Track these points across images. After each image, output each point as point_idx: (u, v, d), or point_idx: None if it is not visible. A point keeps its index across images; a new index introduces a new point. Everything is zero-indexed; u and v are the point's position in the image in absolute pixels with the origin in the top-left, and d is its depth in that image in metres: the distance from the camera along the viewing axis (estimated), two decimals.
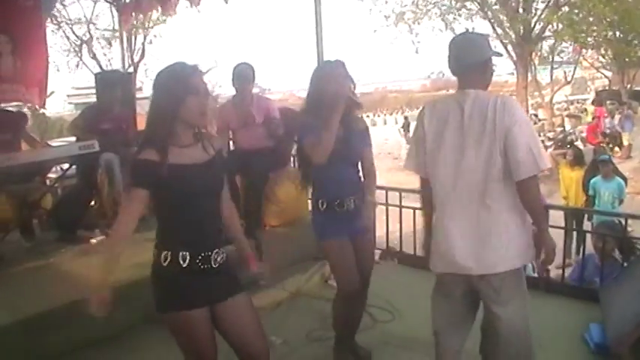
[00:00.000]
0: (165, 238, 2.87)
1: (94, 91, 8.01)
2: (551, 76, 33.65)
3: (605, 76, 38.28)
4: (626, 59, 27.64)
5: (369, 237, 4.22)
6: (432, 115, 3.25)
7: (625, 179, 10.03)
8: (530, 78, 22.43)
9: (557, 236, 5.63)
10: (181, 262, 2.78)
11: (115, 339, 4.45)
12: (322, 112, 3.74)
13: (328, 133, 3.66)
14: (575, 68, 34.25)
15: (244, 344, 2.97)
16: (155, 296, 2.88)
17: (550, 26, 19.56)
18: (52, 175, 6.98)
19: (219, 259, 2.88)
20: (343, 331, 4.19)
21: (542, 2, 19.49)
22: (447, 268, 3.25)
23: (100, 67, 24.45)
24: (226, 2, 7.99)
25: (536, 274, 5.86)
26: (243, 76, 5.78)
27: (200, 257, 2.81)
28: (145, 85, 22.39)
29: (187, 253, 2.79)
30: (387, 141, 30.07)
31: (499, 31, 19.44)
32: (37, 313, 4.25)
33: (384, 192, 6.22)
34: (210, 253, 2.85)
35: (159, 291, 2.88)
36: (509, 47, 19.18)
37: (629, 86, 33.26)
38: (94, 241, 5.90)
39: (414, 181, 3.63)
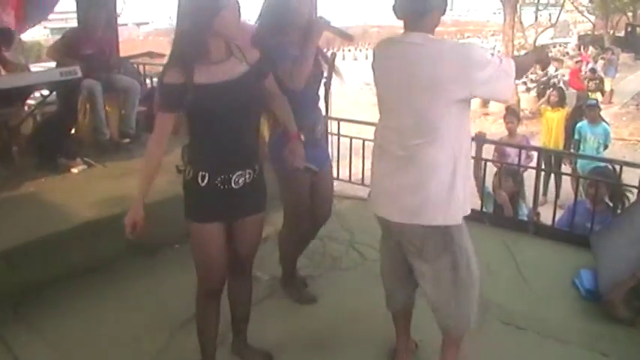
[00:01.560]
0: (190, 153, 2.88)
1: (71, 15, 7.78)
2: (536, 18, 33.39)
3: (589, 20, 38.11)
4: (612, 5, 27.43)
5: (330, 168, 4.24)
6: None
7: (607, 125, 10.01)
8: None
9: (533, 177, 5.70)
10: (200, 181, 2.81)
11: (99, 270, 4.39)
12: (288, 32, 3.62)
13: (306, 59, 3.52)
14: (560, 11, 34.03)
15: (234, 253, 3.08)
16: (184, 202, 2.94)
17: None
18: (31, 102, 6.77)
19: (241, 180, 2.86)
20: (292, 266, 4.20)
21: None
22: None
23: None
24: None
25: (525, 218, 5.86)
26: None
27: (220, 178, 2.82)
28: (123, 12, 21.88)
29: (207, 174, 2.81)
30: (368, 75, 29.71)
31: None
32: (18, 244, 4.15)
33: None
34: (231, 175, 2.83)
35: (185, 200, 2.93)
36: None
37: (612, 32, 33.14)
38: (75, 170, 5.74)
39: None
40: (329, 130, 6.09)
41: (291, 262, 4.18)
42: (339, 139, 6.34)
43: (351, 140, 6.38)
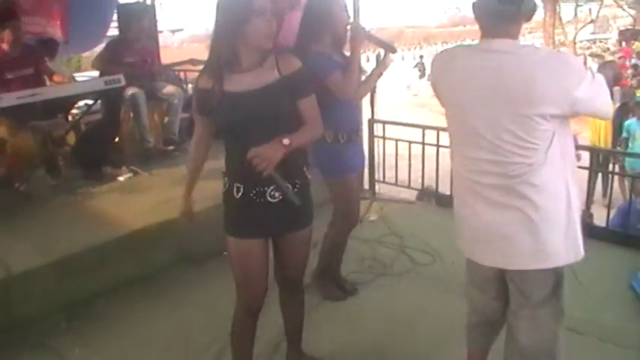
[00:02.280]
0: (226, 165, 2.83)
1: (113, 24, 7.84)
2: (576, 14, 32.97)
3: (630, 15, 37.39)
4: None
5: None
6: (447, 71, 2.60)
7: None
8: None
9: (583, 177, 5.54)
10: (235, 194, 2.74)
11: (148, 279, 4.40)
12: (325, 38, 3.69)
13: (355, 67, 3.64)
14: (600, 6, 33.53)
15: (282, 269, 3.03)
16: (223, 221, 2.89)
17: None
18: (75, 111, 6.82)
19: (277, 194, 2.71)
20: (332, 262, 4.21)
21: None
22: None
23: None
24: None
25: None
26: None
27: (254, 191, 2.72)
28: (160, 19, 22.11)
29: (241, 186, 2.72)
30: (406, 77, 29.60)
31: None
32: (70, 254, 4.17)
33: (420, 130, 6.05)
34: (266, 188, 2.70)
35: (225, 212, 2.87)
36: None
37: None
38: (121, 179, 5.77)
39: (438, 119, 3.49)
40: (375, 133, 6.06)
41: (330, 258, 4.19)
42: (384, 142, 6.28)
43: (396, 143, 6.29)
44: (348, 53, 3.82)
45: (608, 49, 33.58)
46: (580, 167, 5.96)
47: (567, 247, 2.43)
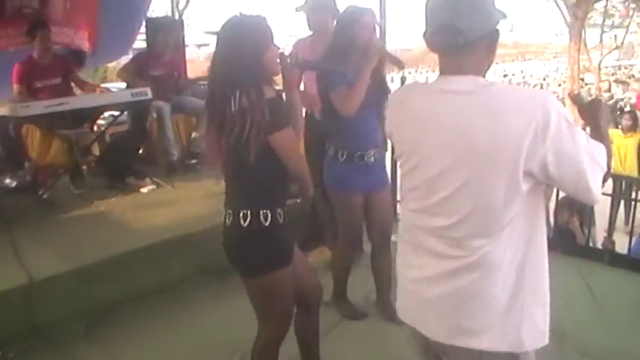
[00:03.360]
0: (261, 196, 2.71)
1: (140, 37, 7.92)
2: (601, 40, 32.84)
3: None
4: None
5: (387, 191, 4.12)
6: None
7: None
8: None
9: (604, 204, 5.51)
10: (279, 219, 2.70)
11: (169, 291, 4.41)
12: (349, 60, 3.57)
13: (361, 85, 3.52)
14: (626, 32, 33.38)
15: (301, 285, 2.99)
16: (255, 258, 2.74)
17: None
18: (100, 122, 6.90)
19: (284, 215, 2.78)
20: (343, 285, 4.20)
21: None
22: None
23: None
24: None
25: (600, 247, 5.70)
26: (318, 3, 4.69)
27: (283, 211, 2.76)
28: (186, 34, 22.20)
29: (281, 210, 2.72)
30: None
31: None
32: (91, 263, 4.20)
33: None
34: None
35: (262, 252, 2.73)
36: (562, 7, 18.54)
37: None
38: (144, 190, 5.81)
39: None
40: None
41: (343, 279, 4.18)
42: None
43: None
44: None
45: (633, 75, 33.47)
46: (603, 194, 6.01)
47: (503, 332, 1.94)
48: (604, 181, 1.89)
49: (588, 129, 2.02)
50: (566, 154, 1.76)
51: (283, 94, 2.85)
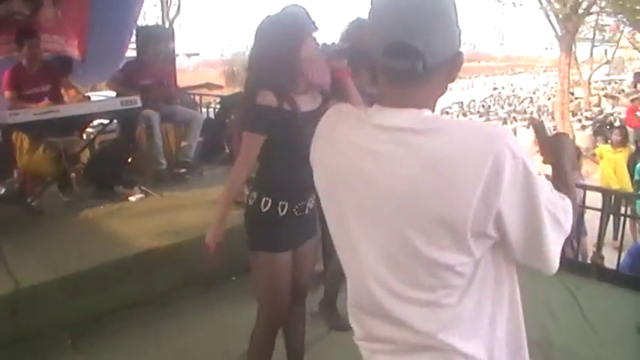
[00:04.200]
0: (266, 183, 2.87)
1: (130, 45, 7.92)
2: (591, 54, 33.12)
3: None
4: None
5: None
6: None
7: None
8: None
9: (593, 219, 5.51)
10: (279, 211, 2.79)
11: (156, 301, 4.38)
12: (369, 78, 3.41)
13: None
14: (616, 47, 33.66)
15: (296, 280, 3.03)
16: (248, 234, 2.90)
17: (598, 0, 19.00)
18: (89, 129, 6.88)
19: (311, 206, 2.89)
20: (335, 293, 4.13)
21: None
22: None
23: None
24: None
25: (589, 261, 5.72)
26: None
27: (297, 206, 2.83)
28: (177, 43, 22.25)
29: (286, 203, 2.80)
30: None
31: (544, 2, 18.82)
32: (78, 272, 4.17)
33: None
34: (306, 203, 2.87)
35: (253, 231, 2.90)
36: (553, 20, 18.60)
37: None
38: (132, 199, 5.78)
39: None
40: None
41: (335, 288, 4.13)
42: None
43: None
44: None
45: (623, 90, 33.70)
46: (592, 208, 6.03)
47: None
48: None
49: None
50: (522, 213, 1.40)
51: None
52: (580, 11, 18.24)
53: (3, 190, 5.80)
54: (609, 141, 10.80)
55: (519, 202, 1.39)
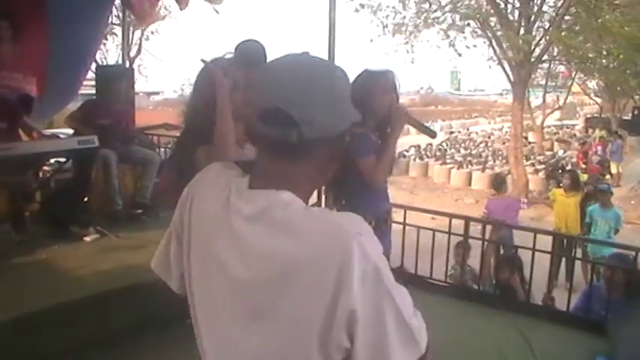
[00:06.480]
0: None
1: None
2: (544, 100, 33.85)
3: (596, 103, 38.51)
4: (618, 88, 27.70)
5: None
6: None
7: None
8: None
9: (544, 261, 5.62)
10: None
11: (110, 343, 4.28)
12: (367, 120, 3.48)
13: (388, 153, 3.49)
14: (568, 93, 34.49)
15: None
16: None
17: (550, 49, 19.51)
18: (45, 168, 6.81)
19: None
20: None
21: (544, 24, 19.37)
22: None
23: (95, 60, 24.25)
24: (217, 12, 7.99)
25: (541, 303, 5.80)
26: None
27: None
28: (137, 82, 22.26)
29: None
30: None
31: (497, 50, 19.28)
32: (30, 312, 4.08)
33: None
34: None
35: None
36: (507, 68, 19.06)
37: (619, 115, 33.47)
38: (87, 239, 5.72)
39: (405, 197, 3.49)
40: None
41: None
42: (404, 228, 6.03)
43: (418, 231, 6.13)
44: None
45: (575, 135, 34.51)
46: (542, 251, 6.13)
47: None
48: None
49: None
50: (373, 315, 1.25)
51: None
52: (532, 59, 18.68)
53: None
54: (561, 185, 11.02)
55: (371, 303, 1.24)
